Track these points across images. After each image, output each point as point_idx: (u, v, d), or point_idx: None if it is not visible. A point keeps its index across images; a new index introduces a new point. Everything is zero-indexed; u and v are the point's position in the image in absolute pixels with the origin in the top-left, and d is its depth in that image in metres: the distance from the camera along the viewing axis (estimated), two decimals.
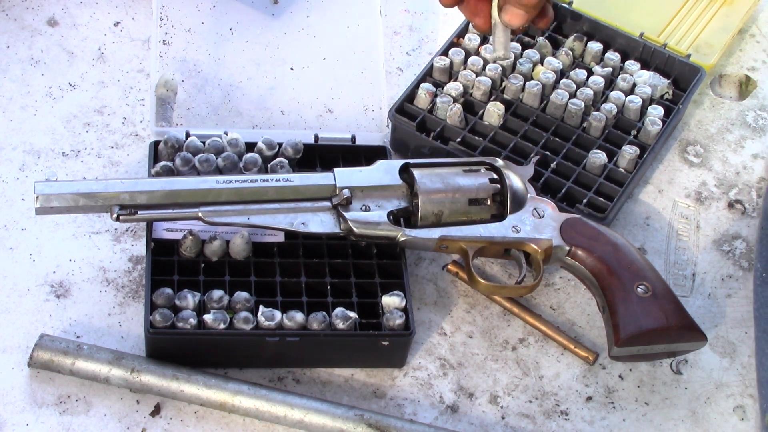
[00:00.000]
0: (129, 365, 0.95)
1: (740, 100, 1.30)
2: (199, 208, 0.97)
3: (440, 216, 0.99)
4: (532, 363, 1.04)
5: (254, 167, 1.06)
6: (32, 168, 1.11)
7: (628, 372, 1.04)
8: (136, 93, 1.19)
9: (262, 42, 1.19)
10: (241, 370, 0.99)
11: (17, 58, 1.20)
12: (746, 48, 1.35)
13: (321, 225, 0.99)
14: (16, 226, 1.06)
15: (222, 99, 1.16)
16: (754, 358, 1.06)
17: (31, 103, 1.16)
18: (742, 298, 1.11)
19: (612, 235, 1.02)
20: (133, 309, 1.02)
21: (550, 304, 1.08)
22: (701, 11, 1.33)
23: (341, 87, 1.17)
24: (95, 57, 1.22)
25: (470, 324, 1.05)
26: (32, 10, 1.24)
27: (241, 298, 0.98)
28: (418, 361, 1.02)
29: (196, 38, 1.18)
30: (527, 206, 1.02)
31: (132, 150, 1.14)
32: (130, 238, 1.07)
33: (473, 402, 1.00)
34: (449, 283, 1.08)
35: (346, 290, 1.01)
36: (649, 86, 1.20)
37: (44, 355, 0.95)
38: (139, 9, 1.26)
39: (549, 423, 1.00)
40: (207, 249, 1.01)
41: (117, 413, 0.95)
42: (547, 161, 1.13)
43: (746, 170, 1.22)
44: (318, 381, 0.99)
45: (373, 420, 0.95)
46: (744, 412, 1.02)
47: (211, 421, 0.95)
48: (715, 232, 1.16)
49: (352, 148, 1.12)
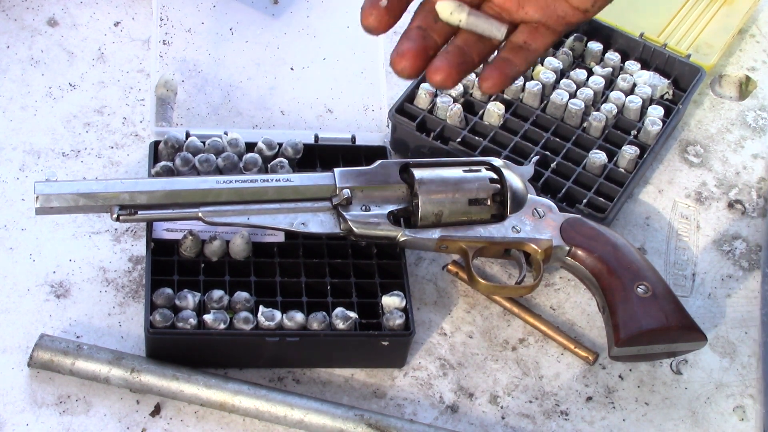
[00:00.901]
0: (129, 365, 0.95)
1: (740, 100, 1.30)
2: (199, 208, 0.97)
3: (440, 216, 0.99)
4: (532, 363, 1.04)
5: (254, 167, 1.06)
6: (32, 168, 1.11)
7: (628, 372, 1.04)
8: (136, 93, 1.19)
9: (262, 42, 1.19)
10: (241, 370, 0.99)
11: (17, 58, 1.20)
12: (746, 48, 1.35)
13: (321, 225, 0.99)
14: (16, 226, 1.06)
15: (222, 99, 1.16)
16: (754, 358, 1.06)
17: (31, 103, 1.16)
18: (742, 298, 1.11)
19: (612, 235, 1.02)
20: (133, 309, 1.02)
21: (550, 304, 1.08)
22: (701, 11, 1.33)
23: (341, 87, 1.17)
24: (95, 57, 1.22)
25: (470, 324, 1.05)
26: (32, 10, 1.24)
27: (241, 298, 0.98)
28: (418, 361, 1.02)
29: (196, 38, 1.18)
30: (527, 206, 1.02)
31: (132, 150, 1.14)
32: (130, 238, 1.07)
33: (473, 402, 1.00)
34: (449, 283, 1.08)
35: (346, 290, 1.01)
36: (649, 86, 1.20)
37: (44, 355, 0.95)
38: (139, 9, 1.26)
39: (549, 423, 1.00)
40: (207, 249, 1.01)
41: (117, 413, 0.95)
42: (547, 161, 1.13)
43: (746, 170, 1.22)
44: (318, 381, 0.99)
45: (373, 420, 0.95)
46: (744, 412, 1.02)
47: (211, 421, 0.95)
48: (715, 232, 1.16)
49: (352, 148, 1.12)
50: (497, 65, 0.92)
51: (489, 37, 0.92)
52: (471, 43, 0.92)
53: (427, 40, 0.91)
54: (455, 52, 0.91)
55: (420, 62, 0.90)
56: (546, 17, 0.92)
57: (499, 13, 0.93)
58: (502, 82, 0.92)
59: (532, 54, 0.93)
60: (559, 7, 0.91)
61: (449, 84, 0.90)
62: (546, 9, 0.91)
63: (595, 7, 0.91)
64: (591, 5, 0.91)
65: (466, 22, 0.92)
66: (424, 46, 0.90)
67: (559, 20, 0.92)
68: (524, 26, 0.93)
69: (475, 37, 0.92)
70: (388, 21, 0.89)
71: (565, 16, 0.92)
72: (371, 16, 0.89)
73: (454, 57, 0.90)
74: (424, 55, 0.90)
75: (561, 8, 0.91)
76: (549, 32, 0.93)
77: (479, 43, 0.92)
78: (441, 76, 0.89)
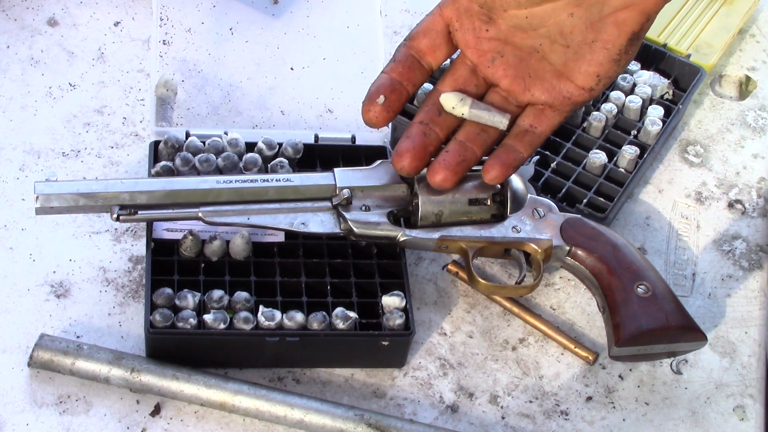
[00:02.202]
0: (129, 365, 0.95)
1: (740, 100, 1.30)
2: (199, 208, 0.97)
3: (440, 216, 0.99)
4: (532, 363, 1.04)
5: (254, 167, 1.06)
6: (32, 168, 1.11)
7: (628, 372, 1.04)
8: (136, 93, 1.19)
9: (262, 42, 1.19)
10: (241, 370, 0.99)
11: (17, 58, 1.20)
12: (746, 48, 1.35)
13: (321, 225, 0.99)
14: (16, 226, 1.06)
15: (222, 99, 1.16)
16: (754, 358, 1.06)
17: (31, 103, 1.16)
18: (742, 298, 1.11)
19: (612, 235, 1.02)
20: (133, 309, 1.02)
21: (550, 304, 1.08)
22: (701, 11, 1.33)
23: (341, 87, 1.17)
24: (95, 57, 1.22)
25: (470, 324, 1.05)
26: (32, 10, 1.24)
27: (241, 298, 0.98)
28: (418, 361, 1.02)
29: (196, 38, 1.18)
30: (527, 206, 1.02)
31: (132, 150, 1.14)
32: (130, 238, 1.07)
33: (473, 402, 1.00)
34: (449, 283, 1.08)
35: (346, 290, 1.01)
36: (649, 86, 1.20)
37: (44, 355, 0.95)
38: (139, 9, 1.26)
39: (549, 423, 1.00)
40: (207, 249, 1.01)
41: (117, 413, 0.95)
42: (547, 161, 1.13)
43: (746, 170, 1.22)
44: (318, 381, 0.99)
45: (373, 420, 0.95)
46: (744, 412, 1.02)
47: (211, 421, 0.95)
48: (715, 232, 1.16)
49: (352, 148, 1.12)
50: (499, 156, 0.95)
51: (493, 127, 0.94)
52: (473, 136, 0.95)
53: (428, 137, 0.95)
54: (455, 151, 0.94)
55: (419, 162, 0.95)
56: (552, 98, 0.93)
57: (505, 98, 0.95)
58: (504, 173, 0.95)
59: (537, 138, 0.95)
60: (564, 88, 0.92)
61: (448, 185, 0.96)
62: (552, 90, 0.93)
63: (599, 85, 0.92)
64: (596, 84, 0.92)
65: (469, 114, 0.94)
66: (423, 144, 0.95)
67: (565, 101, 0.93)
68: (530, 109, 0.95)
69: (478, 129, 0.95)
70: (386, 117, 0.95)
71: (571, 96, 0.93)
72: (370, 112, 0.95)
73: (453, 157, 0.94)
74: (423, 154, 0.95)
75: (566, 89, 0.92)
76: (555, 114, 0.94)
77: (482, 135, 0.95)
78: (440, 178, 0.95)
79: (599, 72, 0.91)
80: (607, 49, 0.90)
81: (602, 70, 0.91)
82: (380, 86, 0.95)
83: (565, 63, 0.92)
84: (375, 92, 0.95)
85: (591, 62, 0.91)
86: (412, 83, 0.96)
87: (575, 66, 0.91)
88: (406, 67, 0.95)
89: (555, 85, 0.93)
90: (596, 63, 0.91)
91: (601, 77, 0.92)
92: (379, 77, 0.96)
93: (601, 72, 0.91)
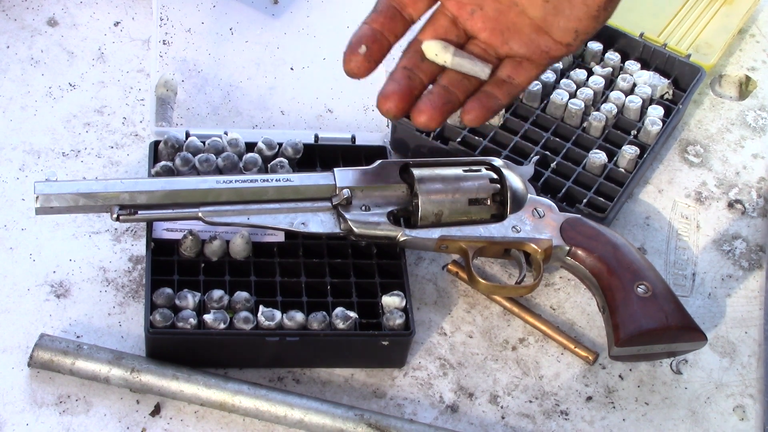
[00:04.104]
0: (129, 365, 0.95)
1: (740, 100, 1.30)
2: (199, 208, 0.97)
3: (440, 216, 0.99)
4: (532, 363, 1.04)
5: (254, 167, 1.06)
6: (32, 168, 1.11)
7: (628, 372, 1.04)
8: (136, 93, 1.19)
9: (262, 42, 1.19)
10: (241, 370, 0.99)
11: (17, 58, 1.20)
12: (746, 48, 1.35)
13: (321, 225, 0.99)
14: (16, 226, 1.06)
15: (222, 99, 1.16)
16: (754, 358, 1.06)
17: (31, 103, 1.16)
18: (742, 298, 1.11)
19: (612, 235, 1.02)
20: (133, 309, 1.02)
21: (550, 304, 1.08)
22: (701, 11, 1.33)
23: (341, 87, 1.17)
24: (95, 57, 1.22)
25: (470, 324, 1.06)
26: (32, 10, 1.24)
27: (241, 298, 0.98)
28: (418, 361, 1.02)
29: (196, 38, 1.18)
30: (527, 206, 1.02)
31: (132, 150, 1.14)
32: (130, 238, 1.07)
33: (473, 402, 1.00)
34: (449, 283, 1.08)
35: (346, 290, 1.01)
36: (649, 86, 1.20)
37: (44, 355, 0.95)
38: (139, 9, 1.26)
39: (549, 423, 1.00)
40: (207, 249, 1.01)
41: (117, 413, 0.95)
42: (547, 161, 1.13)
43: (746, 170, 1.22)
44: (318, 381, 0.99)
45: (373, 420, 0.95)
46: (744, 412, 1.03)
47: (211, 421, 0.95)
48: (715, 232, 1.16)
49: (352, 148, 1.12)
50: (480, 99, 0.94)
51: (474, 76, 0.94)
52: (456, 82, 0.94)
53: (413, 81, 0.94)
54: (439, 93, 0.94)
55: (405, 104, 0.93)
56: (530, 52, 0.93)
57: (484, 50, 0.95)
58: (483, 116, 0.94)
59: (515, 88, 0.95)
60: (542, 42, 0.93)
61: (433, 125, 0.94)
62: (530, 44, 0.93)
63: (577, 41, 0.93)
64: (573, 39, 0.92)
65: (452, 62, 0.94)
66: (409, 87, 0.94)
67: (543, 55, 0.93)
68: (508, 61, 0.94)
69: (460, 76, 0.95)
70: (368, 66, 0.93)
71: (549, 50, 0.93)
72: (351, 62, 0.93)
73: (438, 98, 0.93)
74: (409, 96, 0.93)
75: (544, 43, 0.93)
76: (533, 66, 0.94)
77: (464, 81, 0.95)
78: (425, 118, 0.93)
79: (578, 27, 0.91)
80: (586, 5, 0.90)
81: (581, 26, 0.91)
82: (362, 36, 0.93)
83: (544, 17, 0.92)
84: (356, 42, 0.93)
85: (570, 18, 0.91)
86: (393, 34, 0.95)
87: (554, 21, 0.91)
88: (387, 18, 0.94)
89: (533, 38, 0.93)
90: (575, 18, 0.91)
91: (579, 33, 0.92)
92: (360, 28, 0.94)
93: (580, 27, 0.91)
